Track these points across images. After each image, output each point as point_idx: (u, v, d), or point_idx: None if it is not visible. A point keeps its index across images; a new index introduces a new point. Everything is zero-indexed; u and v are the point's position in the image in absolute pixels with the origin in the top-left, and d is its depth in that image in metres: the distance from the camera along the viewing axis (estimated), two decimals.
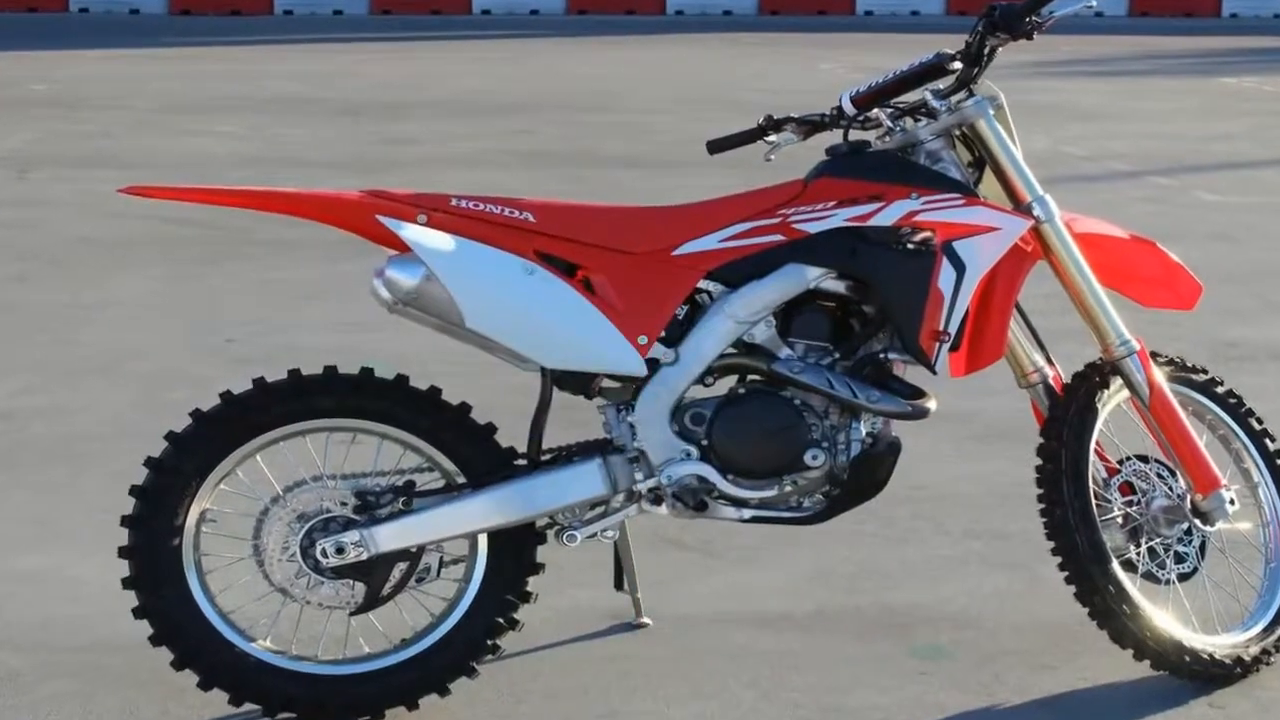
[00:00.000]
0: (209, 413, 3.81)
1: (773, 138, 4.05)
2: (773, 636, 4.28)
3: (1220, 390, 4.21)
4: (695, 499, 3.83)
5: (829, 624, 4.36)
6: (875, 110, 3.95)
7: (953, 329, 3.80)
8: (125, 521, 3.80)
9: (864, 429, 3.85)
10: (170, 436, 3.81)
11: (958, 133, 3.96)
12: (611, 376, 3.86)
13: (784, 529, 4.01)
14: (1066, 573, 3.96)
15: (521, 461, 3.87)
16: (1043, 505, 3.98)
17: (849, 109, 3.94)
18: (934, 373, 3.84)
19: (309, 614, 3.90)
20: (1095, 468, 4.02)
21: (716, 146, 4.07)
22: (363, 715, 3.83)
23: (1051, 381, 4.09)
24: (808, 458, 3.82)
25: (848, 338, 3.88)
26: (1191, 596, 4.10)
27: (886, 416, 3.85)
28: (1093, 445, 3.99)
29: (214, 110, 14.49)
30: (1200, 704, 3.96)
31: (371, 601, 3.84)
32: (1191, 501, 4.04)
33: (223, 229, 9.17)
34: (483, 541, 3.87)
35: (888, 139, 3.96)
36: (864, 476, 3.85)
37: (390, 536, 3.79)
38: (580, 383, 3.86)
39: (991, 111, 3.93)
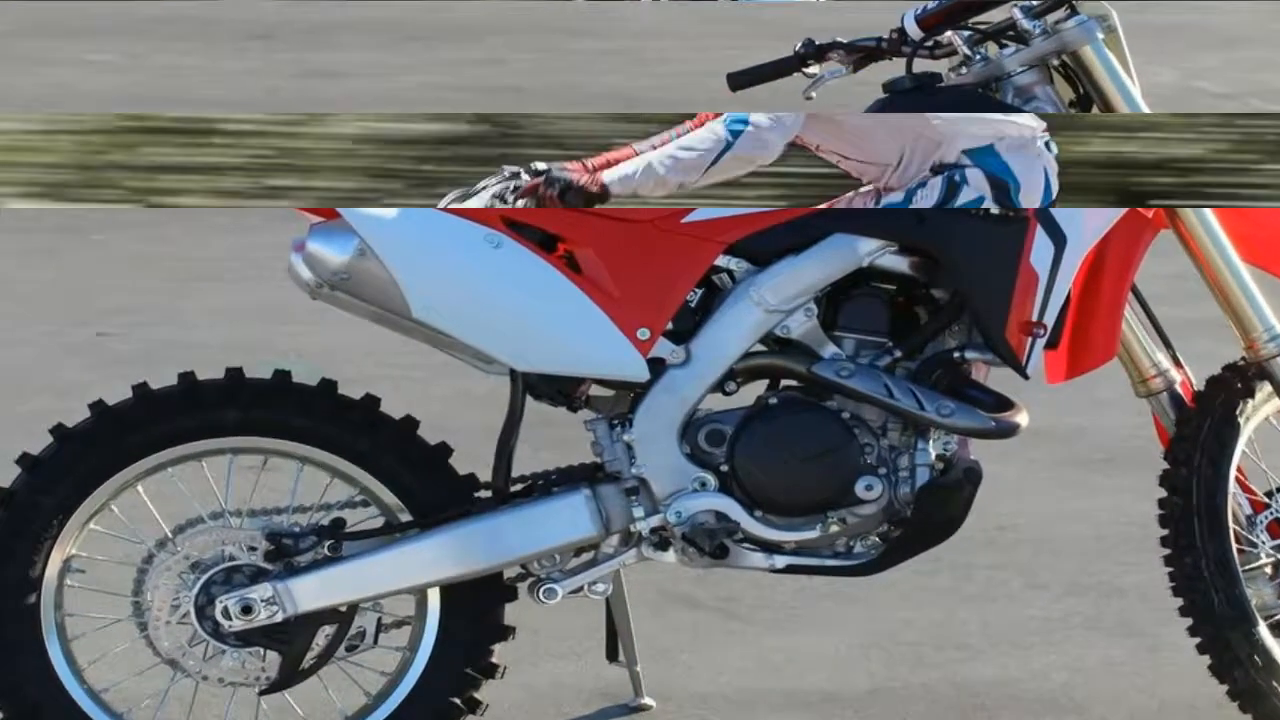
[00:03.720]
0: (75, 429, 3.82)
1: (814, 69, 4.05)
2: None
3: None
4: (713, 542, 3.83)
5: (888, 706, 4.37)
6: (948, 34, 3.96)
7: (1050, 320, 3.81)
8: None
9: (933, 451, 3.86)
10: (24, 461, 3.82)
11: (1056, 62, 3.97)
12: (602, 382, 3.87)
13: (829, 582, 4.01)
14: (1199, 639, 3.97)
15: (485, 493, 3.88)
16: (1168, 551, 3.99)
17: (914, 31, 3.95)
18: (1026, 377, 3.84)
19: (206, 692, 3.91)
20: (1237, 501, 4.03)
21: (741, 81, 4.08)
22: None
23: (1179, 389, 4.10)
24: (860, 488, 3.83)
25: (912, 331, 3.89)
26: None
27: (962, 434, 3.86)
28: (1233, 472, 4.00)
29: (82, 33, 14.50)
30: None
31: (288, 676, 3.85)
32: None
33: None
34: (434, 598, 3.88)
35: (964, 70, 3.97)
36: (933, 513, 3.86)
37: (313, 592, 3.80)
38: (562, 390, 3.87)
39: (1101, 35, 3.94)
